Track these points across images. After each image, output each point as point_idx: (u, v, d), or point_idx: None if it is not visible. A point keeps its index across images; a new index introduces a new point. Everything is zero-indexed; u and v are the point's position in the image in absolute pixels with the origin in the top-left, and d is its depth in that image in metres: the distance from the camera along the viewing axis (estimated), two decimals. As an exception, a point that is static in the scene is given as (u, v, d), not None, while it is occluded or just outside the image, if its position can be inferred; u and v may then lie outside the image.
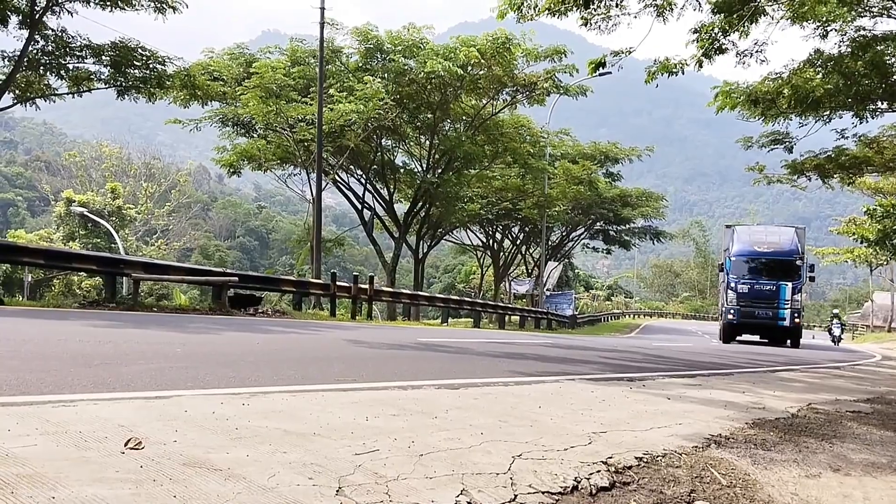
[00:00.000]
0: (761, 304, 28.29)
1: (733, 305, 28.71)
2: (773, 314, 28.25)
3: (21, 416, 3.34)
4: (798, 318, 28.38)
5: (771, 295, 28.22)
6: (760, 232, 30.75)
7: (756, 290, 28.35)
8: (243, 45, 32.54)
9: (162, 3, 18.17)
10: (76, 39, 18.55)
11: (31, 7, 17.41)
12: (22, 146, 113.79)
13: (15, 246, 16.69)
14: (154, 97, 20.14)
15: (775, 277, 28.22)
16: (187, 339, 8.68)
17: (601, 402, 5.44)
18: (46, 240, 39.90)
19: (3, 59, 18.35)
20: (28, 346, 6.58)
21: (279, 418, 3.84)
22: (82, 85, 19.25)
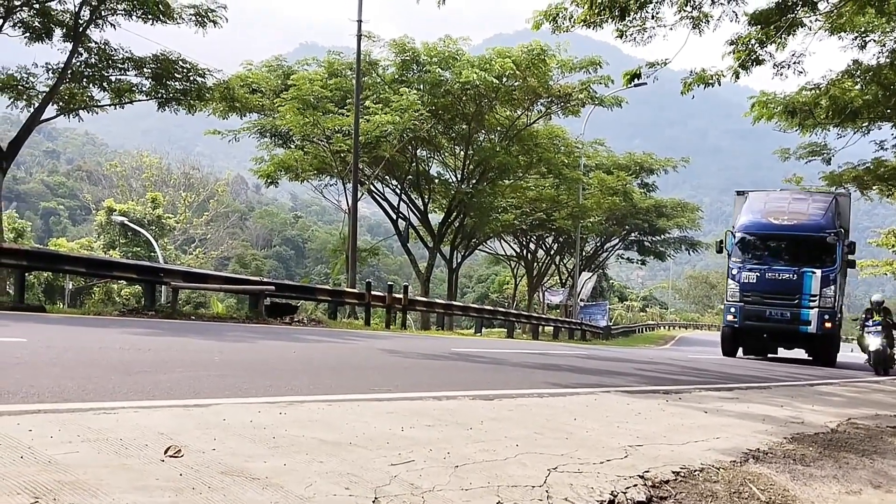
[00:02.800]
0: (776, 301, 19.86)
1: (735, 302, 20.46)
2: (792, 315, 19.67)
3: (63, 423, 3.39)
4: (830, 321, 19.51)
5: (790, 287, 19.68)
6: (782, 199, 21.88)
7: (768, 279, 19.88)
8: (281, 57, 32.91)
9: (203, 17, 18.46)
10: (118, 52, 18.89)
11: (75, 20, 17.79)
12: (64, 156, 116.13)
13: (57, 254, 17.02)
14: (194, 109, 20.43)
15: (797, 262, 19.83)
16: (225, 348, 8.77)
17: (637, 415, 5.38)
18: (87, 248, 40.58)
19: (47, 72, 18.74)
20: (69, 353, 6.70)
21: (315, 427, 3.85)
22: (124, 97, 19.60)
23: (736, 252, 20.57)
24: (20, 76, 18.60)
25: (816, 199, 21.61)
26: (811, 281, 19.51)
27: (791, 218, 20.29)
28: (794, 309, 19.68)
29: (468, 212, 34.24)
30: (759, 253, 20.47)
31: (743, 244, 20.61)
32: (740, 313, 20.35)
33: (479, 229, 37.65)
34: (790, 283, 19.68)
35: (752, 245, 20.57)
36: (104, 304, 25.91)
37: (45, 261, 15.39)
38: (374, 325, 20.90)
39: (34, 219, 68.65)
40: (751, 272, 20.13)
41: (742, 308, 20.35)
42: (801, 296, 19.63)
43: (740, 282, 20.26)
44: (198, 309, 23.98)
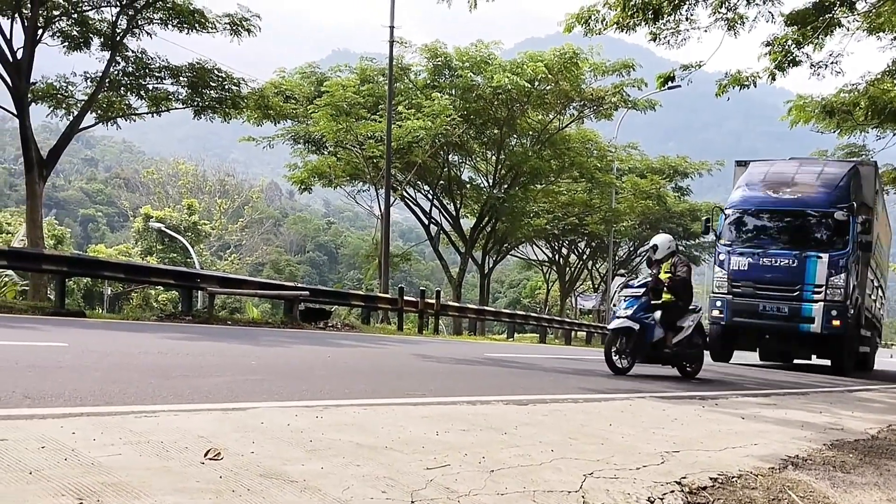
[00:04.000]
0: (771, 292, 16.06)
1: (721, 294, 16.65)
2: (790, 310, 15.83)
3: (105, 426, 3.45)
4: (839, 317, 15.55)
5: (789, 275, 15.85)
6: (787, 168, 17.83)
7: (763, 266, 16.13)
8: (314, 64, 33.18)
9: (237, 26, 18.71)
10: (155, 61, 19.20)
11: (113, 29, 18.11)
12: (102, 164, 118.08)
13: (97, 260, 17.34)
14: (229, 117, 20.68)
15: (799, 244, 16.02)
16: (261, 352, 8.86)
17: (673, 421, 5.34)
18: (125, 254, 41.24)
19: (85, 80, 19.10)
20: (110, 358, 6.81)
21: (352, 431, 3.88)
22: (161, 105, 19.91)
23: (726, 233, 16.79)
24: (59, 85, 18.98)
25: (831, 167, 17.49)
26: (815, 268, 15.51)
27: (795, 190, 16.35)
28: (794, 303, 15.69)
29: (500, 217, 34.20)
30: (752, 234, 16.57)
31: (734, 223, 16.74)
32: (727, 308, 16.36)
33: (511, 234, 37.57)
34: (789, 270, 15.69)
35: (745, 224, 16.70)
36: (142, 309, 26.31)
37: (85, 267, 15.68)
38: (406, 330, 20.97)
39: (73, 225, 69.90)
40: (742, 257, 16.25)
41: (730, 302, 16.33)
42: (802, 286, 15.62)
43: (729, 269, 16.34)
44: (233, 314, 24.24)
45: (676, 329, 10.08)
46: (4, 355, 6.25)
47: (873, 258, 18.65)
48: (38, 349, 7.04)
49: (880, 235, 19.95)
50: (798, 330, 15.91)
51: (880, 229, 19.70)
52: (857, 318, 16.68)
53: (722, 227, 16.94)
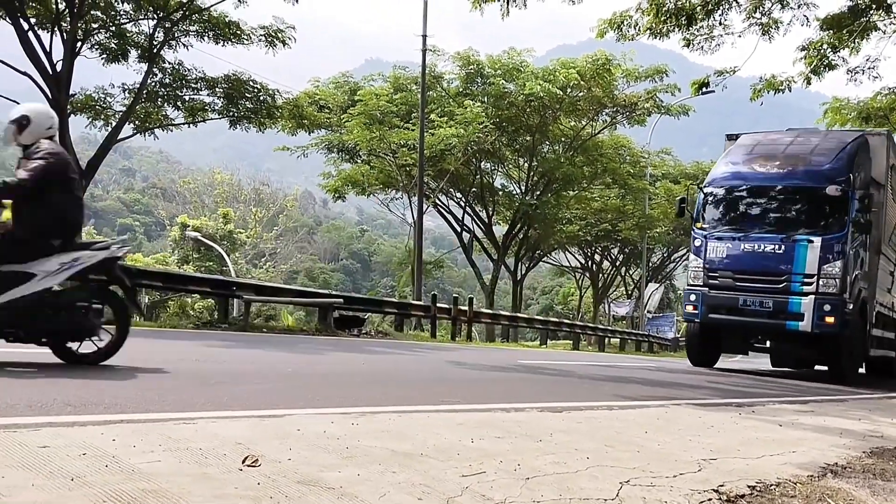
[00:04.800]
0: (754, 284, 13.54)
1: (697, 287, 14.17)
2: (775, 305, 13.29)
3: (145, 433, 3.50)
4: (833, 313, 13.00)
5: (774, 263, 13.34)
6: (780, 140, 15.16)
7: (745, 253, 13.64)
8: (348, 73, 33.45)
9: (272, 38, 18.94)
10: (191, 72, 19.50)
11: (150, 42, 18.43)
12: (139, 174, 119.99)
13: (136, 269, 17.57)
14: (264, 126, 20.91)
15: (787, 227, 13.46)
16: (296, 360, 8.93)
17: (709, 428, 5.28)
18: (162, 263, 41.81)
19: (123, 92, 19.44)
20: (148, 365, 6.90)
21: (387, 438, 3.89)
22: (197, 115, 20.20)
23: (703, 215, 14.27)
24: (98, 97, 19.34)
25: (831, 138, 14.76)
26: (805, 254, 12.94)
27: (785, 164, 13.85)
28: (780, 296, 13.13)
29: (532, 223, 34.13)
30: (733, 216, 14.04)
31: (712, 204, 14.28)
32: (702, 303, 13.83)
33: (544, 241, 37.49)
34: (775, 257, 13.17)
35: (725, 204, 14.18)
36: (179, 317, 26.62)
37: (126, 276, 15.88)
38: (439, 337, 20.98)
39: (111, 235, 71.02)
40: (720, 243, 13.73)
41: (705, 296, 13.78)
42: (789, 276, 13.08)
43: (705, 257, 13.85)
44: (268, 321, 24.44)
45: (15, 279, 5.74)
46: (47, 364, 6.36)
47: (890, 245, 15.72)
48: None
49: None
50: (785, 329, 13.21)
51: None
52: (863, 315, 13.92)
53: (699, 208, 14.43)
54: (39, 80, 16.89)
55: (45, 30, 17.35)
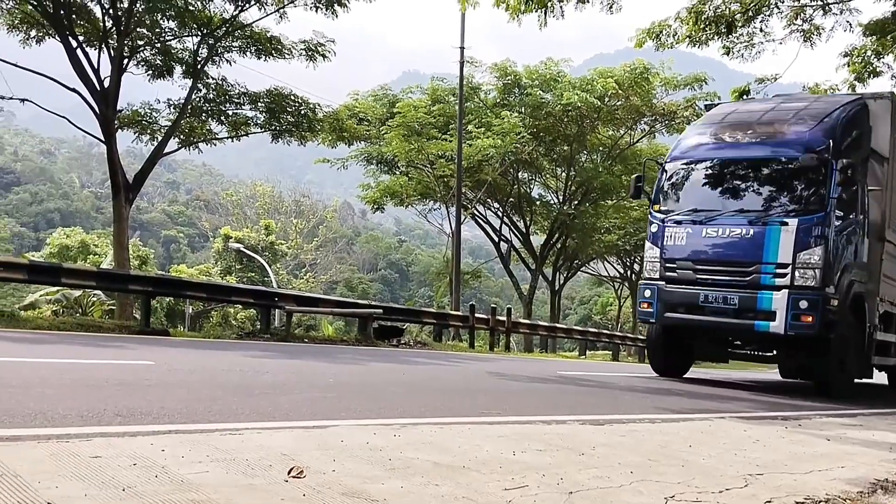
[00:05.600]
0: (717, 277, 11.15)
1: (652, 281, 11.78)
2: (741, 302, 10.89)
3: (193, 444, 3.55)
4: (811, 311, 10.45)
5: (742, 252, 11.01)
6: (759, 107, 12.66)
7: (707, 240, 11.33)
8: (386, 86, 33.68)
9: (313, 52, 19.16)
10: (235, 87, 19.80)
11: (194, 58, 18.77)
12: (183, 186, 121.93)
13: (180, 281, 17.89)
14: (305, 140, 21.13)
15: (759, 208, 11.05)
16: (338, 370, 8.98)
17: (755, 443, 5.18)
18: (206, 274, 42.39)
19: (168, 107, 19.80)
20: (194, 375, 7.00)
21: (429, 450, 3.89)
22: (240, 130, 20.49)
23: (662, 196, 11.91)
24: (144, 112, 19.73)
25: (820, 103, 12.28)
26: (778, 239, 10.61)
27: (758, 133, 11.54)
28: (747, 291, 10.75)
29: (570, 233, 33.96)
30: (696, 196, 11.62)
31: (673, 182, 11.97)
32: (658, 300, 11.46)
33: (582, 251, 37.25)
34: (742, 244, 10.86)
35: (687, 183, 11.87)
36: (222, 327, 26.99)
37: (170, 287, 16.17)
38: (477, 347, 20.93)
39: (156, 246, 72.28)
40: (679, 229, 11.38)
41: (661, 291, 11.42)
42: (759, 267, 10.70)
43: (662, 246, 11.52)
44: (308, 331, 24.64)
45: None
46: (95, 373, 6.49)
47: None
48: (126, 367, 7.28)
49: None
50: (754, 330, 10.82)
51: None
52: (858, 315, 11.30)
53: (658, 187, 12.07)
54: (88, 96, 17.29)
55: (93, 47, 17.77)
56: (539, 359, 20.29)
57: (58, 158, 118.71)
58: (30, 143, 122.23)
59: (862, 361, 11.51)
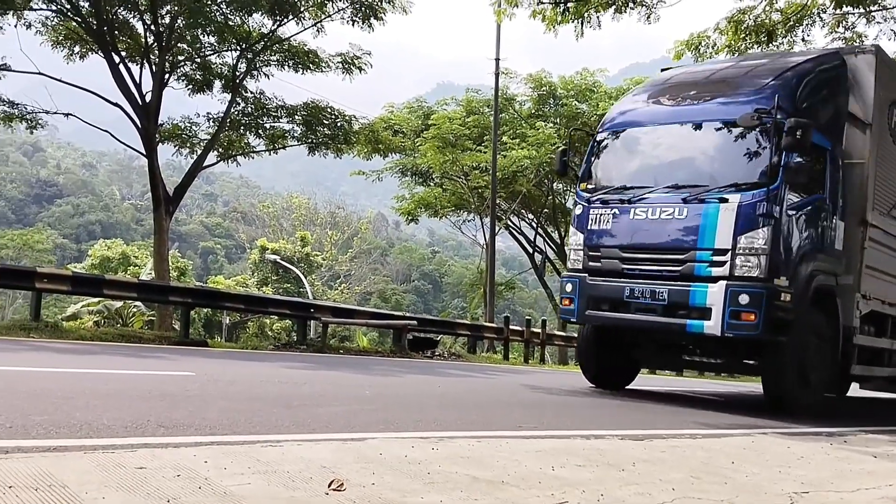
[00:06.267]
0: (645, 267, 9.16)
1: (575, 273, 9.78)
2: (672, 297, 8.80)
3: (234, 455, 3.59)
4: (753, 306, 8.23)
5: (673, 235, 8.98)
6: (712, 68, 11.07)
7: (635, 222, 9.24)
8: (421, 98, 33.83)
9: (349, 65, 19.32)
10: (272, 101, 20.03)
11: (233, 73, 19.05)
12: (221, 199, 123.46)
13: (219, 292, 18.14)
14: (341, 152, 21.30)
15: (696, 183, 8.96)
16: (374, 382, 9.01)
17: (799, 459, 5.09)
18: (242, 285, 42.82)
19: (208, 121, 20.08)
20: (234, 387, 7.08)
21: (467, 464, 3.89)
22: (277, 143, 20.72)
23: (590, 172, 10.04)
24: (184, 126, 20.05)
25: (783, 60, 10.26)
26: (716, 220, 8.64)
27: (702, 94, 9.67)
28: (678, 284, 8.81)
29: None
30: (626, 171, 9.86)
31: (602, 155, 10.06)
32: (580, 294, 9.58)
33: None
34: (675, 226, 8.94)
35: (617, 155, 10.03)
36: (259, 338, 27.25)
37: (209, 298, 16.40)
38: (512, 359, 20.86)
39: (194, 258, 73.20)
40: (606, 210, 9.48)
41: (583, 284, 9.54)
42: (694, 253, 8.78)
43: (587, 230, 9.66)
44: (343, 342, 24.76)
45: None
46: (138, 384, 6.60)
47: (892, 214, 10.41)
48: (167, 378, 7.38)
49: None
50: (685, 331, 8.86)
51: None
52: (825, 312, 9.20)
53: (586, 162, 10.23)
54: (129, 110, 17.63)
55: (134, 63, 18.13)
56: (574, 372, 20.14)
57: (99, 171, 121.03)
58: (72, 156, 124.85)
59: (833, 371, 9.36)
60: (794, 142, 8.16)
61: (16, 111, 17.75)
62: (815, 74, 9.28)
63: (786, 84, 8.87)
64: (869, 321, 10.06)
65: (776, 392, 9.11)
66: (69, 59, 18.36)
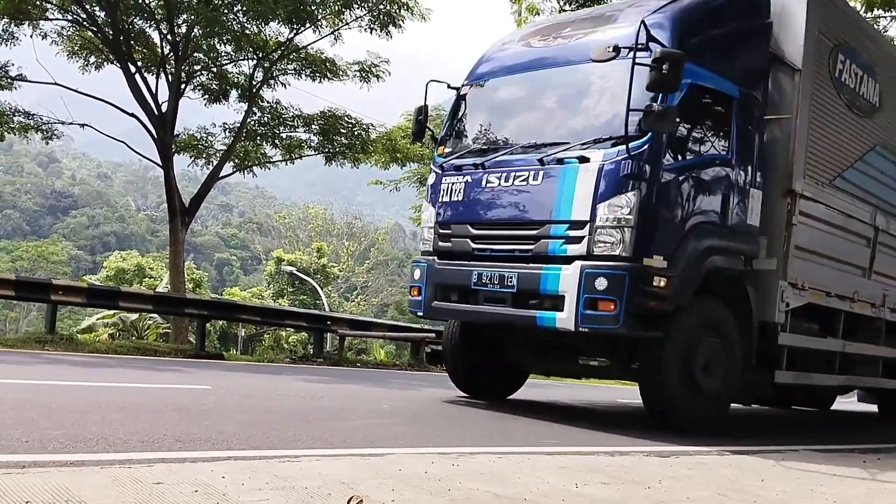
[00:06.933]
0: (497, 244, 7.47)
1: (425, 256, 8.13)
2: (522, 282, 7.00)
3: (252, 470, 3.61)
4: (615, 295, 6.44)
5: (524, 205, 7.30)
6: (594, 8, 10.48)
7: (489, 190, 7.50)
8: (439, 106, 33.87)
9: (367, 73, 19.39)
10: (289, 110, 20.11)
11: (250, 82, 19.18)
12: (236, 209, 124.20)
13: (235, 304, 18.23)
14: (359, 162, 21.35)
15: (556, 142, 7.14)
16: (392, 395, 9.02)
17: (831, 477, 5.04)
18: (258, 297, 42.97)
19: (224, 131, 20.20)
20: (251, 400, 7.12)
21: (488, 481, 3.88)
22: (294, 152, 20.81)
23: (450, 133, 8.53)
24: (200, 136, 20.19)
25: None
26: (573, 185, 6.93)
27: (574, 31, 7.79)
28: (530, 266, 7.10)
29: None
30: (481, 130, 8.35)
31: (461, 113, 8.58)
32: (427, 281, 7.97)
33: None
34: (528, 194, 7.29)
35: (475, 112, 8.51)
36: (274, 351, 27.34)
37: (225, 310, 16.48)
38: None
39: (209, 269, 73.63)
40: (458, 177, 7.86)
41: (431, 270, 7.96)
42: (548, 227, 7.08)
43: (438, 203, 8.10)
44: (359, 355, 24.78)
45: None
46: (154, 398, 6.65)
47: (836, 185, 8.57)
48: (184, 391, 7.43)
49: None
50: (535, 325, 7.15)
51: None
52: (732, 302, 7.41)
53: (447, 122, 8.68)
54: (146, 120, 17.79)
55: (150, 73, 18.30)
56: (596, 385, 20.03)
57: (114, 182, 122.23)
58: (87, 166, 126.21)
59: (740, 377, 7.43)
60: (659, 79, 6.32)
61: (31, 122, 17.95)
62: (717, 3, 7.71)
63: (669, 11, 7.09)
64: (806, 317, 8.35)
65: (655, 403, 7.26)
66: (85, 70, 18.56)
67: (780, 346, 7.76)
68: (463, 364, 8.84)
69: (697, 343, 6.96)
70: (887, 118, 9.42)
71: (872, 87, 9.07)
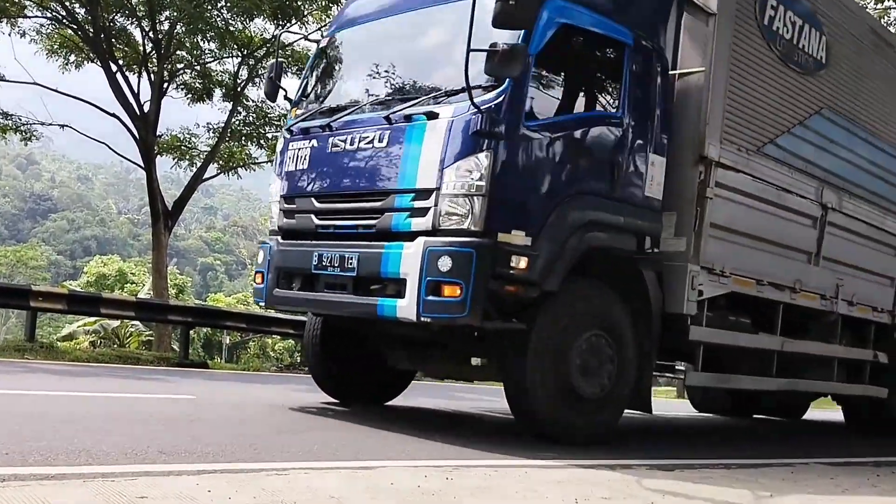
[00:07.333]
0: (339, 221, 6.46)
1: (270, 237, 7.24)
2: (363, 264, 5.99)
3: (239, 484, 3.58)
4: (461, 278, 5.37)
5: (367, 172, 6.27)
6: None
7: (332, 155, 6.47)
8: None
9: (353, 70, 19.39)
10: (274, 109, 20.07)
11: (234, 81, 19.15)
12: (221, 212, 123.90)
13: (220, 311, 18.17)
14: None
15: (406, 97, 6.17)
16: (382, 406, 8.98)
17: (843, 492, 5.03)
18: (244, 303, 42.82)
19: (208, 132, 20.14)
20: (237, 411, 7.11)
21: (485, 496, 3.87)
22: (280, 153, 20.77)
23: (304, 92, 7.48)
24: (183, 136, 20.10)
25: None
26: (419, 145, 5.90)
27: None
28: (371, 245, 6.08)
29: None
30: (339, 87, 7.44)
31: (312, 70, 7.57)
32: (270, 265, 6.96)
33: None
34: (374, 161, 6.24)
35: (325, 68, 7.64)
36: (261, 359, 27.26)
37: (210, 317, 16.42)
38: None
39: (193, 274, 73.38)
40: (304, 142, 6.86)
41: (274, 251, 6.98)
42: (393, 198, 6.01)
43: (285, 172, 7.09)
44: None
45: None
46: (137, 408, 6.60)
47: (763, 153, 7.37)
48: (168, 401, 7.39)
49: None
50: (377, 315, 6.08)
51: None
52: (624, 287, 6.35)
53: (303, 79, 7.64)
54: (127, 120, 17.71)
55: (132, 72, 18.23)
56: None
57: (95, 184, 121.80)
58: (67, 168, 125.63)
59: (637, 380, 6.41)
60: (505, 10, 5.29)
61: (10, 122, 17.84)
62: None
63: None
64: (734, 310, 7.47)
65: (522, 409, 6.19)
66: (64, 69, 18.47)
67: (691, 342, 6.73)
68: (324, 366, 7.83)
69: (574, 338, 5.89)
70: (836, 78, 8.15)
71: (816, 39, 7.81)
